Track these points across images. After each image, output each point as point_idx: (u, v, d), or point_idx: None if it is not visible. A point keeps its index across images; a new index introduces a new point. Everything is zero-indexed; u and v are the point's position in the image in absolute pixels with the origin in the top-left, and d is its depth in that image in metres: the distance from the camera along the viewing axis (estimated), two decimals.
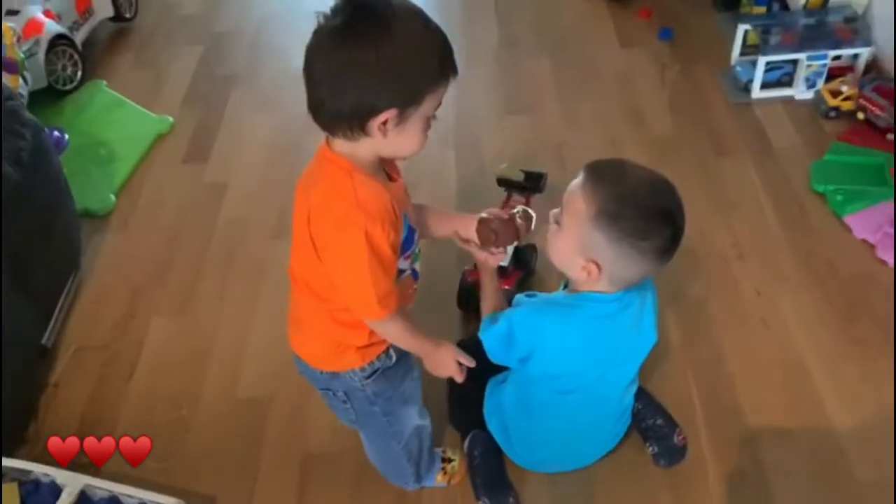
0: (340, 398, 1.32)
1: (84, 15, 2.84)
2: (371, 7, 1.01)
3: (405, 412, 1.39)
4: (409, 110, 1.05)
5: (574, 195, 1.26)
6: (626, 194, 1.23)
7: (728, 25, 2.80)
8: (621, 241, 1.22)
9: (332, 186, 1.09)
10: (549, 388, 1.42)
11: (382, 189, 1.10)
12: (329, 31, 1.02)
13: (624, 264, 1.25)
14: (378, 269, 1.10)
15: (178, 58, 2.94)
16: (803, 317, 1.87)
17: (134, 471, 1.63)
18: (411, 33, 1.02)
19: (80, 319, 1.98)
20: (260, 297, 2.00)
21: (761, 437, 1.64)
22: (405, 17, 1.02)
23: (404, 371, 1.33)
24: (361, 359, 1.25)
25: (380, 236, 1.07)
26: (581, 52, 2.85)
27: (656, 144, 2.39)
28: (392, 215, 1.10)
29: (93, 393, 1.81)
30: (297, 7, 3.14)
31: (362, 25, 1.00)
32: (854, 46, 2.47)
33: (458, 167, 2.35)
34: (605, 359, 1.39)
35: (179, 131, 2.58)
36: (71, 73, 2.69)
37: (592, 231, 1.23)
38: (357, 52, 1.00)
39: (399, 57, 1.00)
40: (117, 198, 2.32)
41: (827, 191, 2.14)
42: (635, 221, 1.21)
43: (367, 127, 1.04)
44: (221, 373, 1.84)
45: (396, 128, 1.06)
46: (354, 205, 1.06)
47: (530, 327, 1.34)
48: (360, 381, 1.27)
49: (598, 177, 1.25)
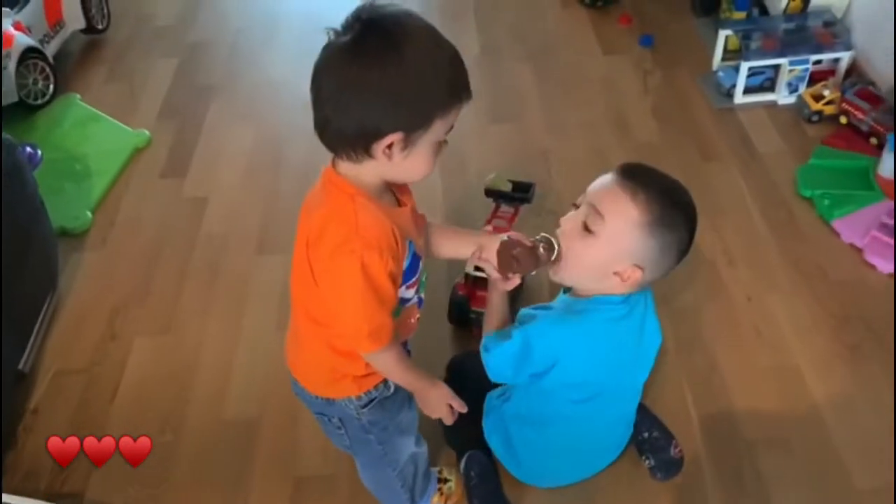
0: (335, 424, 1.27)
1: (55, 27, 2.78)
2: (381, 25, 0.97)
3: (401, 441, 1.35)
4: (415, 134, 1.01)
5: (621, 202, 1.22)
6: (674, 199, 1.25)
7: (708, 31, 2.81)
8: (671, 246, 1.24)
9: (333, 211, 1.05)
10: (566, 398, 1.39)
11: (385, 216, 1.06)
12: (337, 48, 0.98)
13: (663, 266, 1.27)
14: (372, 300, 1.06)
15: (154, 70, 2.88)
16: (795, 322, 1.86)
17: (118, 499, 1.59)
18: (421, 54, 0.98)
19: (58, 342, 1.92)
20: (244, 313, 1.96)
21: (758, 445, 1.63)
22: (417, 37, 0.98)
23: (402, 402, 1.29)
24: (358, 388, 1.21)
25: (377, 266, 1.03)
26: (563, 58, 2.84)
27: (642, 151, 2.38)
28: (393, 244, 1.06)
29: (73, 418, 1.75)
30: (274, 17, 3.10)
31: (371, 44, 0.96)
32: (835, 50, 2.48)
33: (444, 177, 2.33)
34: (620, 362, 1.37)
35: (157, 145, 2.52)
36: (43, 87, 2.62)
37: (647, 238, 1.22)
38: (363, 71, 0.96)
39: (407, 79, 0.97)
40: (94, 215, 2.26)
41: (814, 195, 2.14)
42: (683, 228, 1.25)
43: (371, 149, 1.01)
44: (207, 393, 1.79)
45: (403, 152, 1.02)
46: (354, 231, 1.02)
47: (552, 339, 1.30)
48: (355, 409, 1.23)
49: (644, 183, 1.23)
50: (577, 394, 1.39)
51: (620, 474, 1.58)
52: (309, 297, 1.14)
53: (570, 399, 1.39)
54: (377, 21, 0.98)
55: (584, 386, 1.37)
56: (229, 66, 2.89)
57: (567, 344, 1.31)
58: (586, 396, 1.39)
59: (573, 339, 1.31)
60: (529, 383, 1.36)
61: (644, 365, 1.46)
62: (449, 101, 1.02)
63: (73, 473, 1.64)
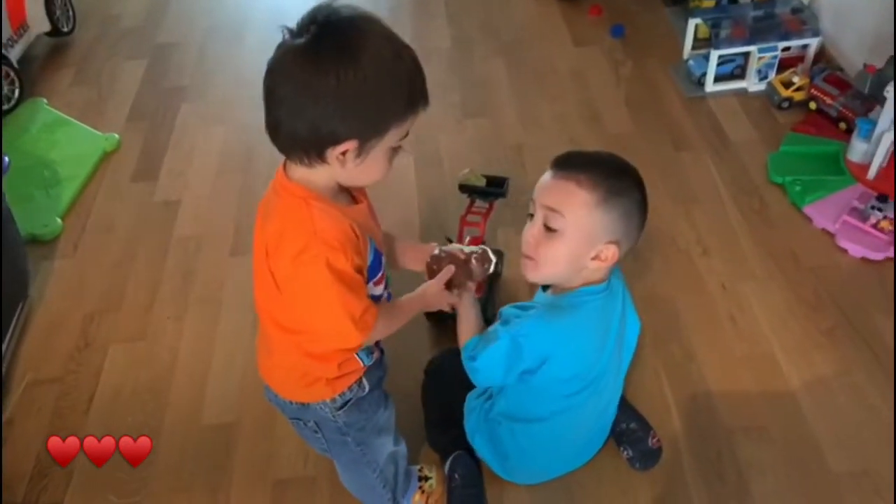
0: (311, 428, 1.27)
1: (18, 30, 2.73)
2: (338, 29, 0.96)
3: (379, 441, 1.34)
4: (370, 142, 1.00)
5: (569, 193, 1.23)
6: (614, 168, 1.26)
7: (678, 20, 2.82)
8: (632, 212, 1.25)
9: (288, 217, 1.04)
10: (558, 393, 1.39)
11: (341, 216, 1.05)
12: (293, 50, 0.96)
13: (633, 233, 1.28)
14: (347, 293, 1.05)
15: (122, 72, 2.85)
16: (770, 310, 1.87)
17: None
18: (379, 63, 0.96)
19: (31, 351, 1.89)
20: (220, 316, 1.94)
21: (736, 433, 1.64)
22: (374, 45, 0.96)
23: (378, 401, 1.29)
24: (332, 390, 1.20)
25: (343, 263, 1.03)
26: (534, 51, 2.84)
27: (615, 142, 2.39)
28: (354, 240, 1.05)
29: (49, 428, 1.73)
30: (243, 16, 3.07)
31: (327, 49, 0.95)
32: (803, 37, 2.50)
33: (419, 173, 2.32)
34: (607, 349, 1.38)
35: (127, 148, 2.49)
36: (8, 92, 2.57)
37: (606, 213, 1.23)
38: (318, 77, 0.94)
39: (363, 88, 0.95)
40: (64, 221, 2.23)
41: (785, 182, 2.16)
42: (632, 189, 1.26)
43: (324, 155, 1.00)
44: (184, 399, 1.77)
45: (357, 159, 1.01)
46: (312, 236, 1.01)
47: (541, 337, 1.30)
48: (331, 411, 1.22)
49: (580, 166, 1.24)
50: (568, 387, 1.38)
51: (600, 467, 1.59)
52: (274, 305, 1.13)
53: (562, 394, 1.39)
54: (334, 25, 0.96)
55: (576, 379, 1.37)
56: (198, 67, 2.86)
57: (558, 339, 1.30)
58: (577, 389, 1.39)
59: (564, 334, 1.30)
60: (519, 381, 1.36)
61: (627, 349, 1.48)
62: (405, 110, 1.01)
63: (50, 483, 1.62)
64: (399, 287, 1.32)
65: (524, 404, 1.44)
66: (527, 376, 1.34)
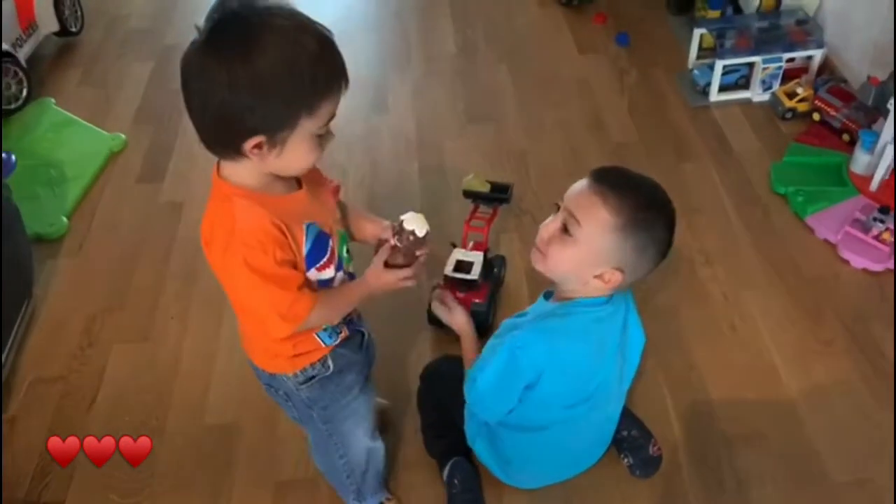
0: (282, 396, 1.29)
1: (27, 30, 2.74)
2: (233, 23, 0.94)
3: (348, 429, 1.35)
4: (281, 134, 0.98)
5: (593, 206, 1.22)
6: (648, 200, 1.24)
7: (683, 29, 2.84)
8: (648, 246, 1.23)
9: (215, 215, 1.05)
10: (556, 404, 1.39)
11: (262, 212, 1.03)
12: (194, 47, 0.95)
13: (644, 267, 1.27)
14: (272, 289, 1.05)
15: (129, 73, 2.86)
16: (771, 319, 1.88)
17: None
18: (272, 54, 0.93)
19: (35, 350, 1.90)
20: (223, 316, 1.94)
21: (736, 440, 1.65)
22: (268, 35, 0.93)
23: (348, 386, 1.29)
24: (292, 366, 1.22)
25: (262, 261, 1.03)
26: (539, 58, 2.85)
27: (618, 150, 2.40)
28: (276, 235, 1.04)
29: (52, 426, 1.74)
30: None
31: (221, 44, 0.93)
32: (807, 48, 2.52)
33: (422, 178, 2.33)
34: (605, 363, 1.38)
35: (132, 149, 2.50)
36: (16, 92, 2.59)
37: (622, 241, 1.22)
38: (213, 73, 0.93)
39: (256, 81, 0.93)
40: (70, 220, 2.24)
41: (788, 192, 2.17)
42: (659, 225, 1.24)
43: (240, 150, 0.99)
44: (187, 399, 1.78)
45: (273, 150, 1.00)
46: (231, 233, 1.02)
47: (535, 350, 1.30)
48: (294, 385, 1.24)
49: (615, 186, 1.22)
50: (566, 399, 1.39)
51: (600, 473, 1.59)
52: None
53: (560, 405, 1.40)
54: (230, 19, 0.94)
55: (573, 390, 1.37)
56: None
57: (551, 350, 1.30)
58: (575, 401, 1.39)
59: (556, 344, 1.31)
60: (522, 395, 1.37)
61: (630, 364, 1.47)
62: (315, 99, 0.98)
63: (52, 482, 1.63)
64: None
65: (523, 414, 1.44)
66: (529, 391, 1.35)
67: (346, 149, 2.41)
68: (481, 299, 1.80)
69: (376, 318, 1.43)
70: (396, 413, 1.71)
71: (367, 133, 2.53)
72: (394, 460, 1.63)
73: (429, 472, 1.61)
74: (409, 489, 1.60)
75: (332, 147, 1.07)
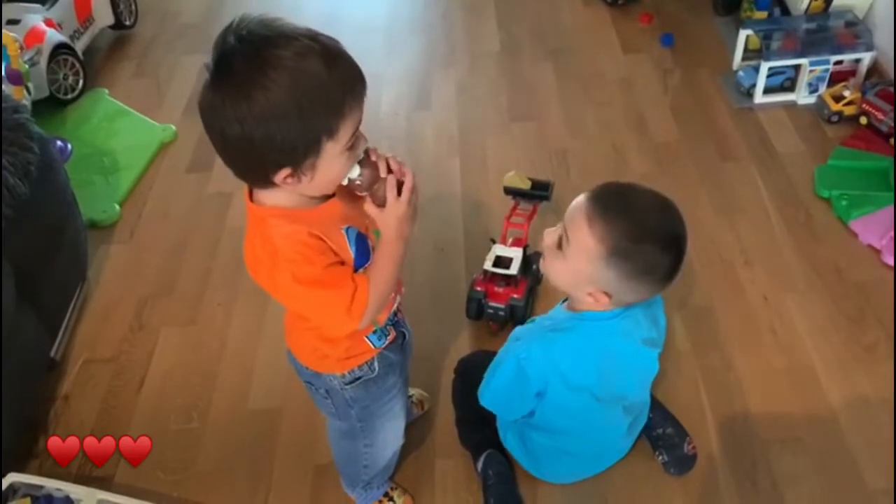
0: (322, 394, 1.31)
1: (85, 23, 2.83)
2: (234, 56, 0.92)
3: (381, 425, 1.37)
4: (307, 162, 0.97)
5: (580, 230, 1.20)
6: (639, 230, 1.19)
7: (729, 30, 2.82)
8: (634, 276, 1.21)
9: (253, 241, 1.07)
10: (570, 411, 1.41)
11: (296, 228, 1.03)
12: (205, 88, 0.95)
13: (635, 293, 1.25)
14: (328, 292, 1.06)
15: (180, 66, 2.94)
16: (811, 323, 1.87)
17: (146, 483, 1.64)
18: (276, 91, 0.91)
19: (87, 331, 1.98)
20: (268, 305, 1.99)
21: (772, 444, 1.64)
22: (267, 72, 0.91)
23: (388, 388, 1.32)
24: (342, 367, 1.24)
25: (310, 271, 1.03)
26: (583, 57, 2.85)
27: (660, 151, 2.40)
28: (315, 245, 1.04)
29: (102, 405, 1.81)
30: (298, 13, 3.13)
31: (225, 81, 0.93)
32: (856, 51, 2.48)
33: (464, 175, 2.36)
34: (618, 375, 1.38)
35: (182, 140, 2.57)
36: (73, 83, 2.68)
37: (604, 269, 1.20)
38: (225, 111, 0.93)
39: (266, 118, 0.92)
40: (122, 208, 2.32)
41: (832, 196, 2.15)
42: (649, 257, 1.19)
43: (271, 181, 0.99)
44: (232, 383, 1.84)
45: (305, 176, 0.99)
46: (275, 253, 1.03)
47: (538, 362, 1.32)
48: (339, 384, 1.26)
49: (604, 210, 1.19)
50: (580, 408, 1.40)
51: (634, 470, 1.61)
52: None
53: (575, 413, 1.42)
54: (227, 60, 0.93)
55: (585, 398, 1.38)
56: None
57: (553, 363, 1.33)
58: (590, 410, 1.41)
59: (557, 358, 1.32)
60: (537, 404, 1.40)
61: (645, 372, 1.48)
62: (332, 121, 0.96)
63: None
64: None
65: (543, 417, 1.47)
66: (540, 399, 1.39)
67: (389, 145, 2.44)
68: (519, 295, 1.82)
69: (416, 311, 1.46)
70: (432, 403, 1.74)
71: (410, 129, 2.56)
72: (428, 449, 1.67)
73: (464, 462, 1.64)
74: (444, 476, 1.63)
75: (375, 142, 1.07)
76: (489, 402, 1.45)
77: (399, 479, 1.61)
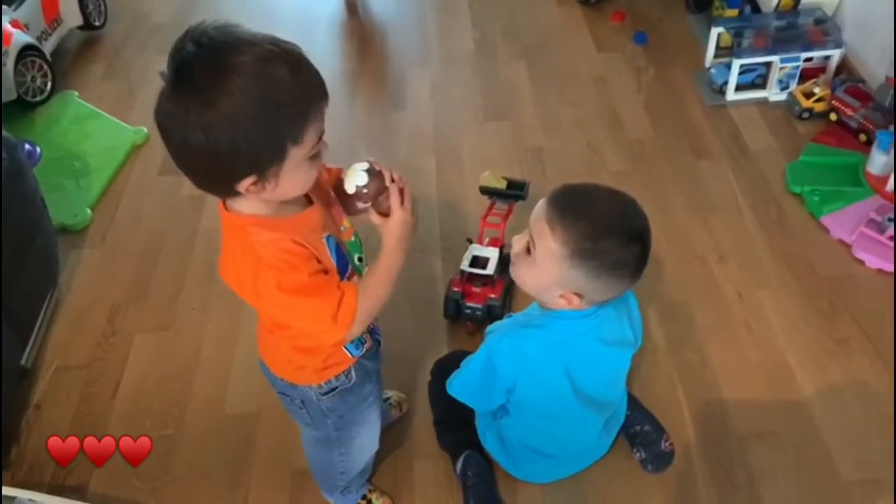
0: (297, 405, 1.30)
1: (52, 24, 2.79)
2: (195, 63, 0.90)
3: (357, 433, 1.37)
4: (272, 169, 0.96)
5: (543, 235, 1.21)
6: (600, 228, 1.19)
7: (701, 28, 2.84)
8: (601, 274, 1.21)
9: (235, 250, 1.04)
10: (541, 410, 1.43)
11: (278, 235, 1.02)
12: (163, 94, 0.93)
13: (605, 290, 1.25)
14: (312, 300, 1.05)
15: (151, 67, 2.89)
16: (785, 318, 1.89)
17: (122, 492, 1.62)
18: (242, 94, 0.89)
19: (59, 338, 1.95)
20: (243, 309, 1.97)
21: (748, 439, 1.66)
22: (237, 72, 0.89)
23: (363, 396, 1.31)
24: (318, 378, 1.23)
25: (294, 279, 1.02)
26: (557, 56, 2.86)
27: (634, 148, 2.42)
28: (299, 252, 1.03)
29: (76, 413, 1.78)
30: (272, 13, 3.11)
31: (187, 90, 0.90)
32: (825, 48, 2.52)
33: (439, 175, 2.35)
34: (590, 373, 1.39)
35: (155, 142, 2.54)
36: (41, 85, 2.64)
37: (570, 270, 1.21)
38: (187, 120, 0.90)
39: (232, 125, 0.90)
40: (93, 212, 2.29)
41: (804, 192, 2.18)
42: (613, 254, 1.19)
43: (235, 191, 0.97)
44: (208, 388, 1.82)
45: (270, 183, 0.97)
46: (258, 262, 1.01)
47: (508, 356, 1.33)
48: (316, 395, 1.25)
49: (564, 213, 1.20)
50: (550, 406, 1.42)
51: (613, 469, 1.62)
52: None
53: (546, 411, 1.43)
54: (188, 67, 0.90)
55: (554, 400, 1.40)
56: None
57: (524, 358, 1.33)
58: (560, 408, 1.42)
59: (529, 353, 1.33)
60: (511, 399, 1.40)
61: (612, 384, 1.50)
62: (297, 127, 0.95)
63: (76, 466, 1.66)
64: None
65: (517, 415, 1.48)
66: (512, 394, 1.39)
67: (365, 145, 2.43)
68: (497, 294, 1.82)
69: (393, 312, 1.46)
70: (410, 404, 1.74)
71: (385, 129, 2.55)
72: (407, 450, 1.66)
73: (443, 463, 1.63)
74: (423, 477, 1.63)
75: (350, 141, 1.07)
76: (456, 392, 1.45)
77: (377, 481, 1.60)
